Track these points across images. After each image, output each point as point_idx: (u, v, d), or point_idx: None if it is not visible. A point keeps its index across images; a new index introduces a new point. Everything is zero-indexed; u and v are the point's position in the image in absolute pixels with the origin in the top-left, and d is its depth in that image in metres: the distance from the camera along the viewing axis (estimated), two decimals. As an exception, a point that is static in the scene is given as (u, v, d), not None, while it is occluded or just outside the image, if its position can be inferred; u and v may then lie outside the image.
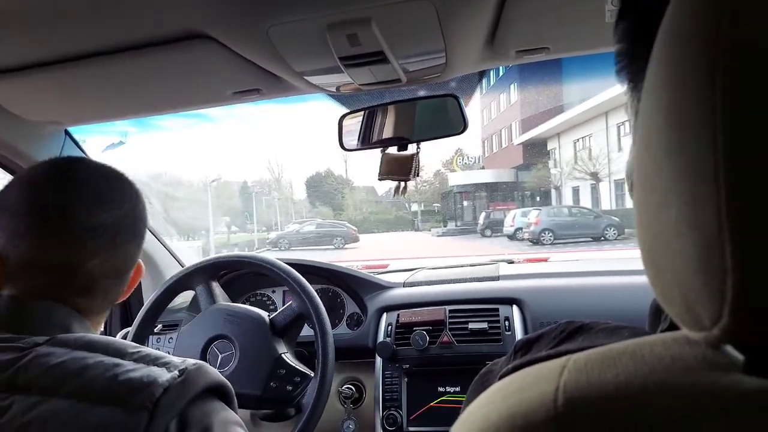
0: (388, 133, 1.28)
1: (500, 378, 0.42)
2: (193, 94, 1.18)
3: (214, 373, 0.70)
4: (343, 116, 1.29)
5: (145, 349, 0.68)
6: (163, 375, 0.63)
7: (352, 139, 1.31)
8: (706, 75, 0.26)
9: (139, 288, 1.81)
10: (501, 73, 25.52)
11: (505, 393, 0.33)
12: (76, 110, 1.25)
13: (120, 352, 0.66)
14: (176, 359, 0.67)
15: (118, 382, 0.61)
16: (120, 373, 0.62)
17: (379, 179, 1.26)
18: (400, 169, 1.23)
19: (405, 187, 1.26)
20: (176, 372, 0.64)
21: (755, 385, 0.27)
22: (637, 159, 0.33)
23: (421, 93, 1.27)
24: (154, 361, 0.66)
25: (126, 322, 1.77)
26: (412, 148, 1.25)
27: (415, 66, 1.05)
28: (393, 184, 1.26)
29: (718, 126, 0.25)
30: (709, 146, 0.25)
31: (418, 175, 1.23)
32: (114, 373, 0.62)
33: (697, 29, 0.26)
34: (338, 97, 1.23)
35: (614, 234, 16.42)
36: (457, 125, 1.23)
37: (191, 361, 0.68)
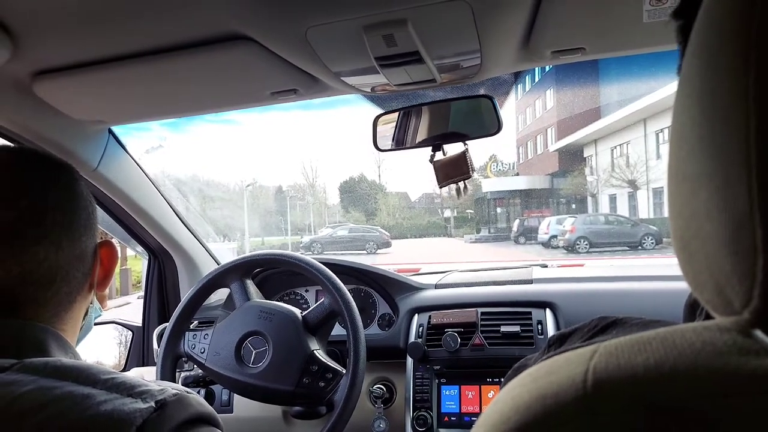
0: (422, 134, 1.29)
1: None
2: (233, 94, 1.21)
3: (197, 404, 0.62)
4: (378, 117, 1.31)
5: (121, 376, 0.61)
6: (137, 408, 0.56)
7: (386, 140, 1.32)
8: (740, 59, 0.26)
9: (176, 285, 1.86)
10: (537, 79, 25.30)
11: (536, 376, 0.34)
12: (120, 109, 1.29)
13: (92, 380, 0.58)
14: (155, 387, 0.60)
15: (86, 418, 0.54)
16: (89, 407, 0.55)
17: (440, 187, 1.28)
18: (457, 170, 1.25)
19: (465, 187, 1.27)
20: (152, 404, 0.57)
21: None
22: (670, 150, 0.33)
23: (456, 94, 1.27)
24: (129, 391, 0.58)
25: (163, 318, 1.82)
26: (460, 147, 1.26)
27: (450, 66, 1.06)
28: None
29: (751, 109, 0.25)
30: (741, 129, 0.26)
31: (474, 171, 1.24)
32: (82, 407, 0.54)
33: (732, 15, 0.27)
34: (373, 97, 1.25)
35: (652, 243, 16.04)
36: (492, 126, 1.23)
37: (171, 390, 0.61)
